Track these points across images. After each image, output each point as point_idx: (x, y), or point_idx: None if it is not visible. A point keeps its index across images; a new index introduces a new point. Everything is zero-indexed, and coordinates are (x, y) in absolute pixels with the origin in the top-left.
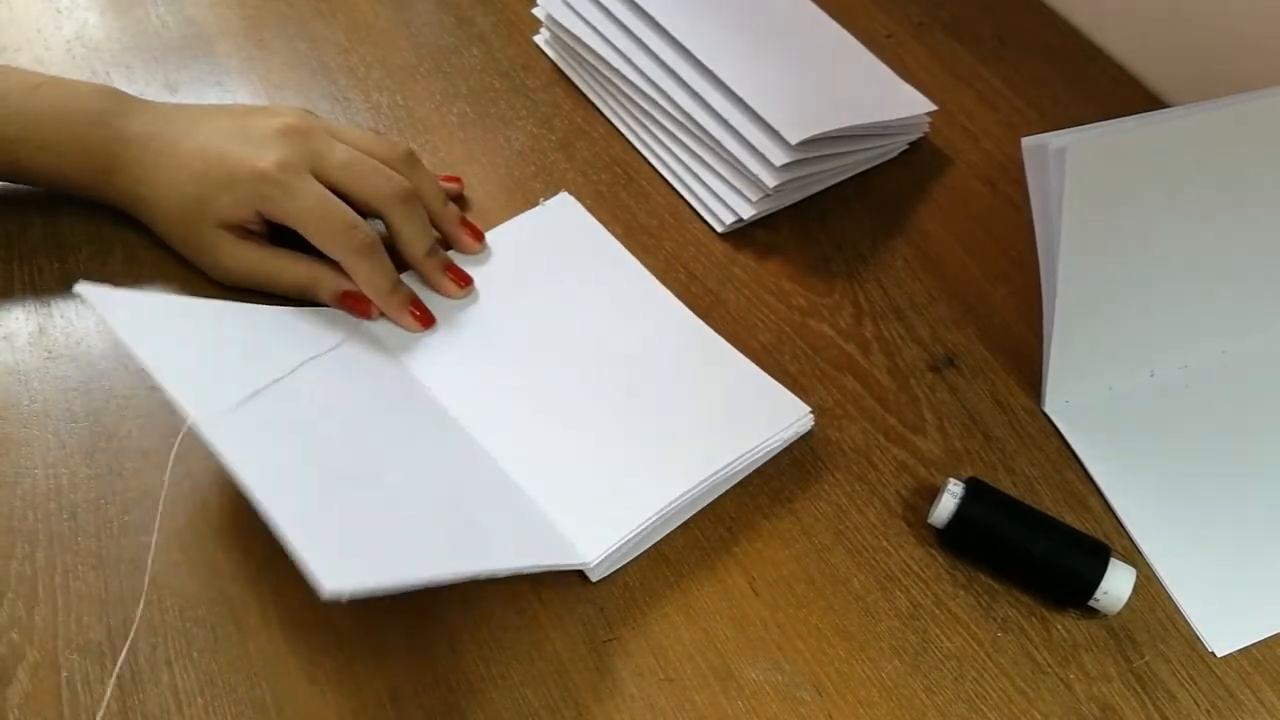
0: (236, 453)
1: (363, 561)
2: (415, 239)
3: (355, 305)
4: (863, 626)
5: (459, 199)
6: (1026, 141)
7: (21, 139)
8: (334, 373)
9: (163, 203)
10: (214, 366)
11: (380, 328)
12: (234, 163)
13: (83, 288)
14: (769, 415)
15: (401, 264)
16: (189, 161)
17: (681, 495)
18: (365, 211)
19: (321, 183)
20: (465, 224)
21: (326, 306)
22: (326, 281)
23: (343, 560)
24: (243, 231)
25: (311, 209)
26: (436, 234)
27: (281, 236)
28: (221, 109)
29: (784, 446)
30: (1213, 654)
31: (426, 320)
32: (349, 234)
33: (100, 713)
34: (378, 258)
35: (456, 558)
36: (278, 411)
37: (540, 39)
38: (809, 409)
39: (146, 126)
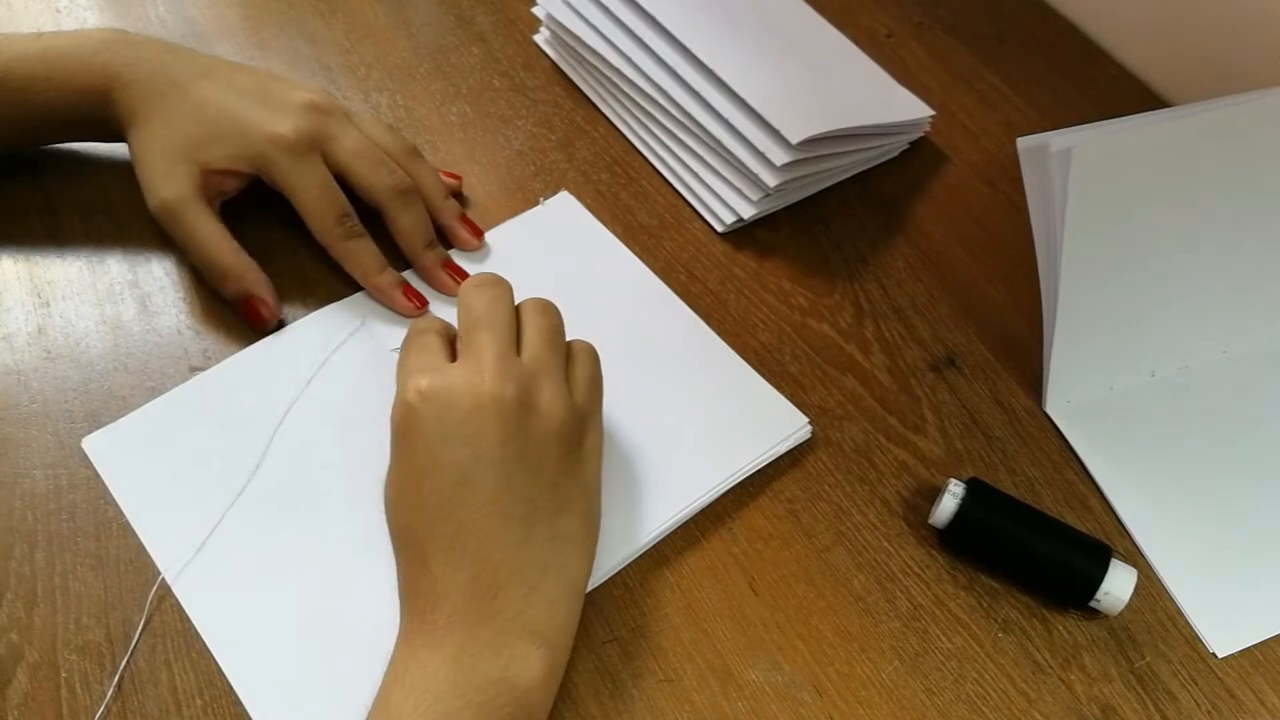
0: (204, 615)
1: None
2: (412, 231)
3: (251, 312)
4: (863, 627)
5: (458, 197)
6: (1022, 142)
7: (29, 75)
8: (315, 417)
9: (153, 131)
10: (190, 494)
11: (380, 327)
12: (250, 120)
13: (90, 445)
14: (767, 427)
15: (402, 265)
16: (202, 104)
17: (674, 516)
18: (365, 200)
19: (329, 164)
20: (465, 220)
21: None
22: (243, 279)
23: None
24: (208, 188)
25: (313, 188)
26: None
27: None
28: (243, 66)
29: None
30: (1214, 655)
31: (420, 301)
32: (342, 222)
33: (99, 713)
34: (365, 242)
35: None
36: (251, 537)
37: (540, 38)
38: (807, 420)
39: (157, 56)
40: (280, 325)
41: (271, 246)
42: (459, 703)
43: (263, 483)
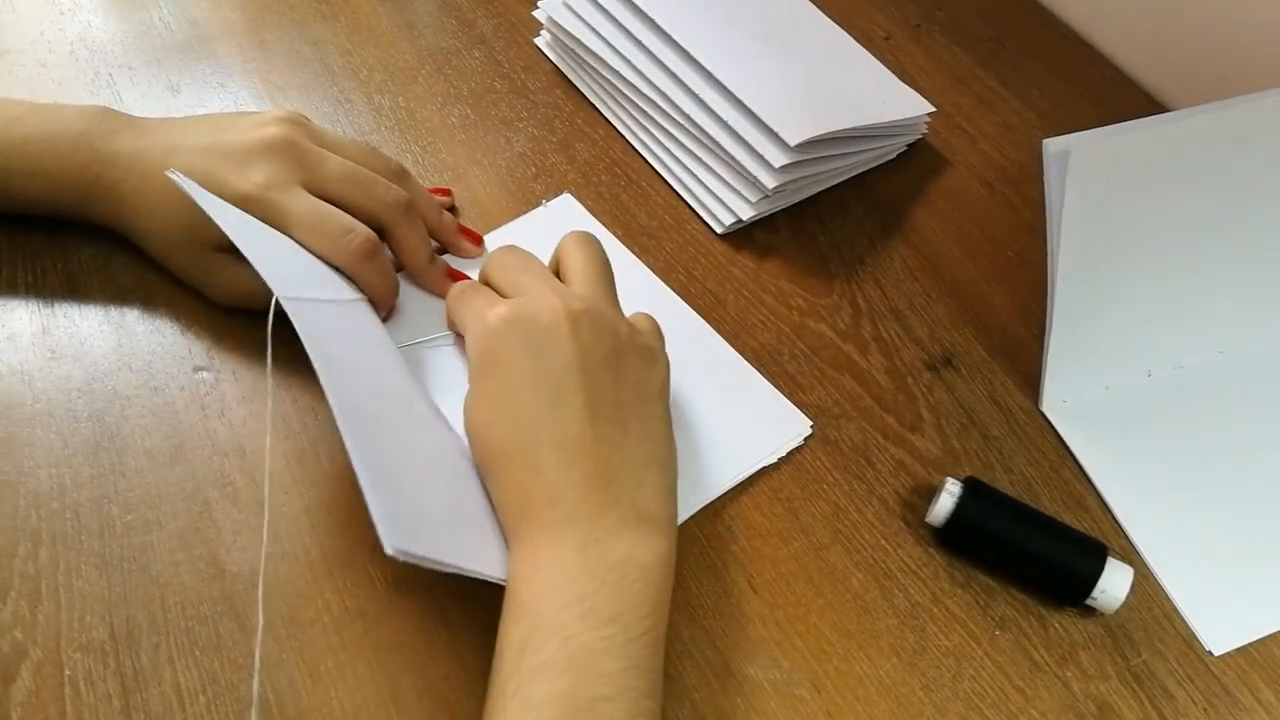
0: (319, 347)
1: (424, 527)
2: (418, 248)
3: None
4: (861, 625)
5: (450, 210)
6: (1046, 143)
7: (7, 169)
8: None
9: (154, 228)
10: (290, 266)
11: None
12: (218, 188)
13: (177, 175)
14: (770, 427)
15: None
16: (172, 188)
17: (680, 515)
18: (365, 223)
19: (317, 196)
20: (464, 231)
21: None
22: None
23: (408, 522)
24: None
25: (302, 219)
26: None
27: None
28: (206, 121)
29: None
30: (1210, 653)
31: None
32: (346, 239)
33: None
34: (379, 262)
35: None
36: (345, 327)
37: (541, 41)
38: (810, 423)
39: (128, 146)
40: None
41: None
42: (594, 583)
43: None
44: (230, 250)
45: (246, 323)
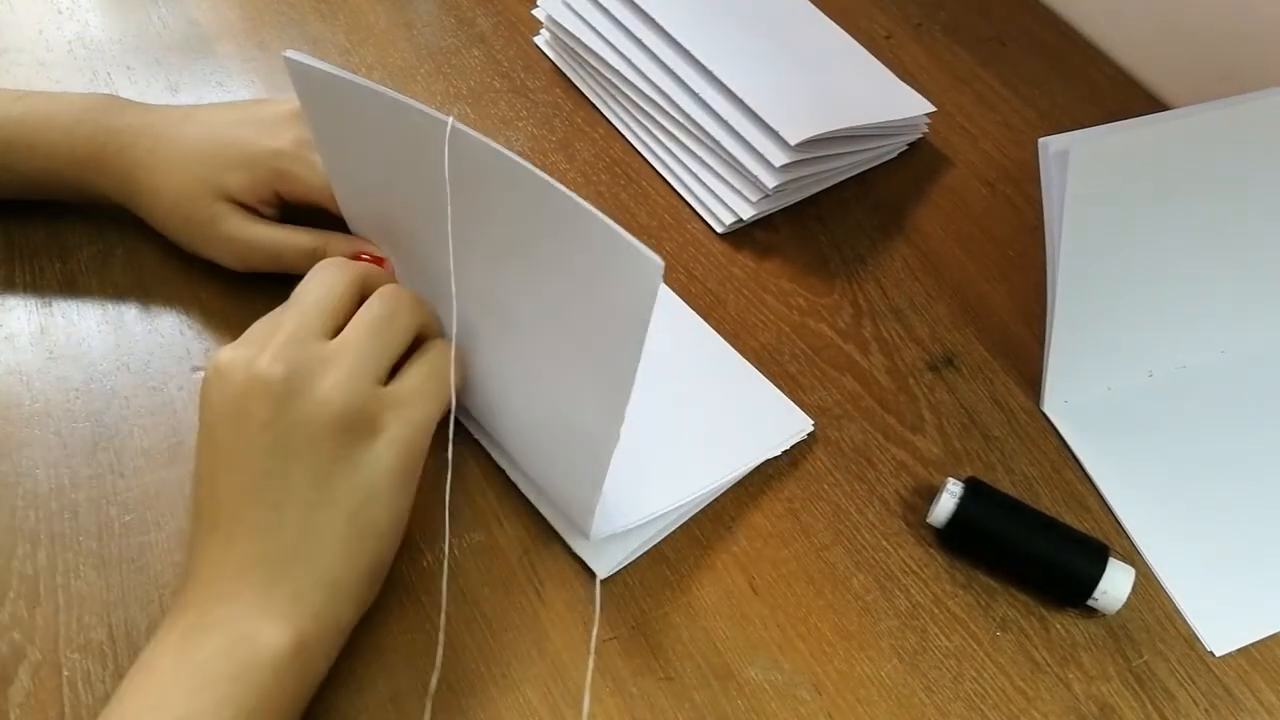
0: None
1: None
2: None
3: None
4: (862, 626)
5: None
6: (1044, 142)
7: (9, 143)
8: None
9: (163, 187)
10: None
11: None
12: (249, 144)
13: (292, 52)
14: (771, 427)
15: None
16: (197, 146)
17: (681, 504)
18: None
19: None
20: None
21: None
22: (337, 245)
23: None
24: (248, 211)
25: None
26: None
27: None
28: (220, 103)
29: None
30: (1211, 653)
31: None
32: None
33: None
34: None
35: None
36: None
37: (540, 40)
38: (811, 422)
39: (138, 119)
40: None
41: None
42: (170, 678)
43: None
44: (241, 208)
45: (246, 322)
